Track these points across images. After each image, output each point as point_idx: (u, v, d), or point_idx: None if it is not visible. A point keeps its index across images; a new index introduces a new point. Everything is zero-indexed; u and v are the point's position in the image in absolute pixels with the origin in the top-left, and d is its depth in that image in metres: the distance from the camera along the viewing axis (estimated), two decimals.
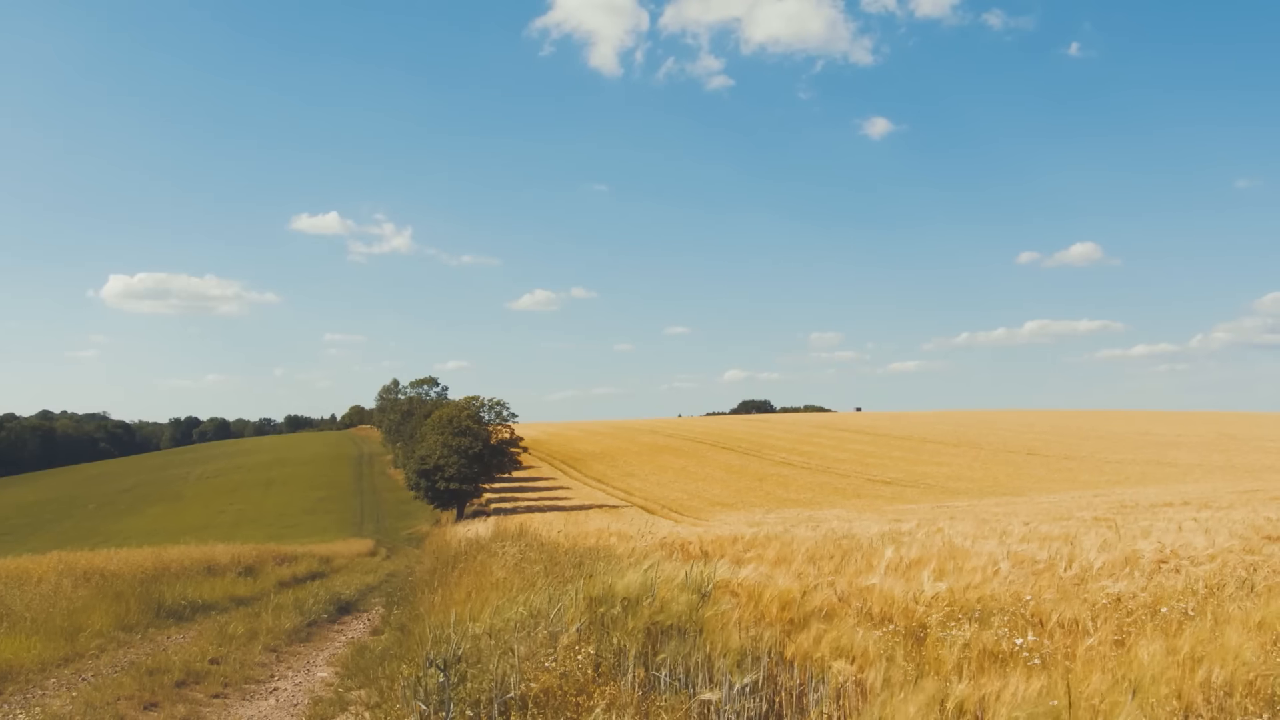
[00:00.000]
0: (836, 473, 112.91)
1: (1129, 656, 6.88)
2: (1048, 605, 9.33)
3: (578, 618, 7.98)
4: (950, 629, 8.51)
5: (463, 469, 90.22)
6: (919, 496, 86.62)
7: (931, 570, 11.56)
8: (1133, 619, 8.98)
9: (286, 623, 18.60)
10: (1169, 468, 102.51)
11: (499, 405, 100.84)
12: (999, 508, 54.22)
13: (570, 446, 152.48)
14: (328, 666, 15.10)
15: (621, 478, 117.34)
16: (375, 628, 19.37)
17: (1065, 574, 12.12)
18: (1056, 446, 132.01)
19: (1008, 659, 7.76)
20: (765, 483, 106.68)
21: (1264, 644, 6.82)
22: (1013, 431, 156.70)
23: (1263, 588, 10.53)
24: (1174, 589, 10.52)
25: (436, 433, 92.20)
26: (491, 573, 14.34)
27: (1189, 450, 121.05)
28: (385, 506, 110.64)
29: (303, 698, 12.64)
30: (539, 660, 7.17)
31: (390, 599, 23.65)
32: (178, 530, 69.22)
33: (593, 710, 6.22)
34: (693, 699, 6.28)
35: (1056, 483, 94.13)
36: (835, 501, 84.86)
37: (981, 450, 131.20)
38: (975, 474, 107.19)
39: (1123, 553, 13.98)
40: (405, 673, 8.01)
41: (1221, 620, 7.89)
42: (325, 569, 36.38)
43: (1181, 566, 12.67)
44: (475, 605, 10.97)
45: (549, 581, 11.03)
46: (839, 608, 9.59)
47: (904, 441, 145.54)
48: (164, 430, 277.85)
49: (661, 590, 8.33)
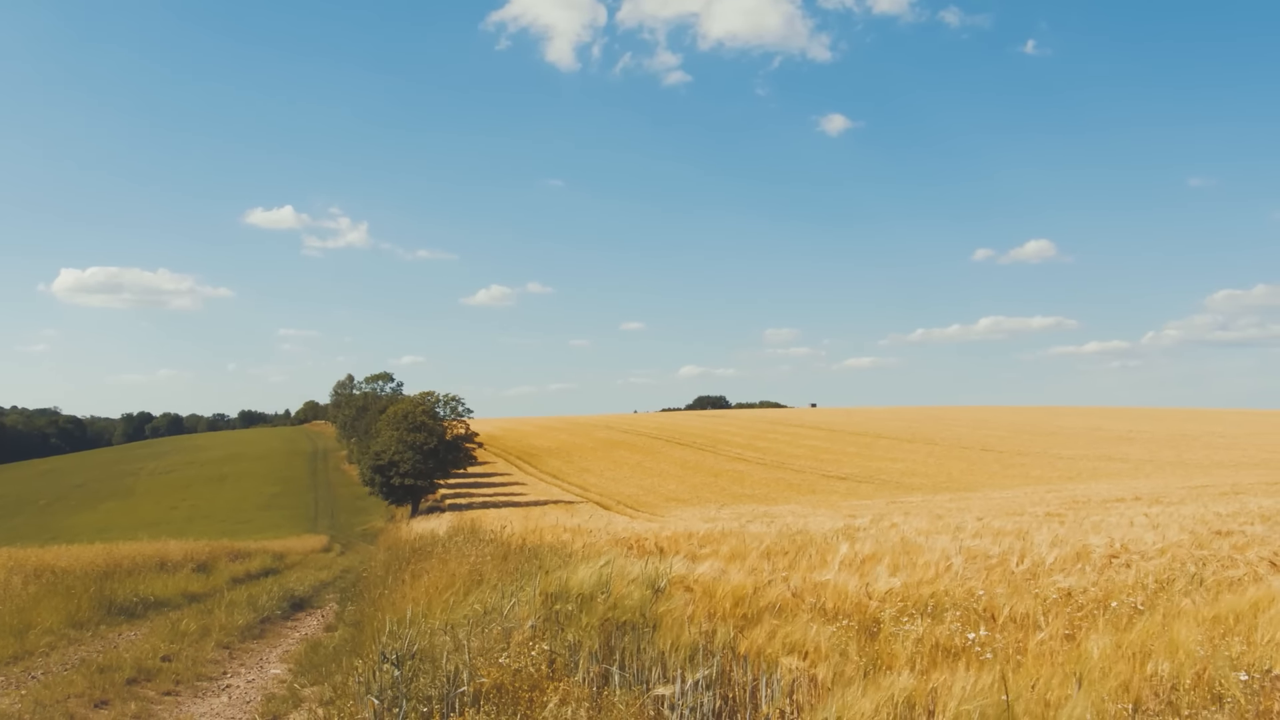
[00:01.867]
0: (791, 468, 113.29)
1: (1079, 650, 6.94)
2: (1000, 600, 9.39)
3: (532, 614, 7.96)
4: (903, 624, 8.55)
5: (418, 465, 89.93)
6: (874, 492, 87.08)
7: (885, 566, 11.63)
8: (1083, 613, 9.05)
9: (240, 619, 18.46)
10: (1121, 463, 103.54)
11: (454, 401, 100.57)
12: (953, 503, 54.56)
13: (526, 442, 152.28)
14: (281, 663, 15.00)
15: (577, 473, 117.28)
16: (329, 624, 19.26)
17: (1017, 569, 12.20)
18: (1010, 442, 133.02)
19: (960, 653, 7.80)
20: (720, 478, 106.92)
21: (1212, 637, 6.89)
22: (967, 427, 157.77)
23: (1212, 582, 10.65)
24: (1124, 583, 10.61)
25: (391, 428, 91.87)
26: (446, 569, 14.28)
27: (1141, 446, 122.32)
28: (340, 502, 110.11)
29: (256, 695, 12.55)
30: (493, 656, 7.15)
31: (344, 595, 23.54)
32: (130, 526, 68.66)
33: (546, 706, 6.20)
34: (646, 694, 6.27)
35: (1010, 478, 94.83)
36: (790, 497, 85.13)
37: (936, 446, 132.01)
38: (929, 469, 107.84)
39: (1074, 548, 14.10)
40: (359, 669, 7.97)
41: (1170, 614, 7.96)
42: (279, 565, 36.13)
43: (1132, 561, 12.79)
44: (430, 601, 10.93)
45: (503, 578, 11.00)
46: (793, 603, 9.61)
47: (859, 437, 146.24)
48: (116, 426, 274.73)
49: (616, 586, 8.32)
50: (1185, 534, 16.61)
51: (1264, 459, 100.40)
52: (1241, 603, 7.75)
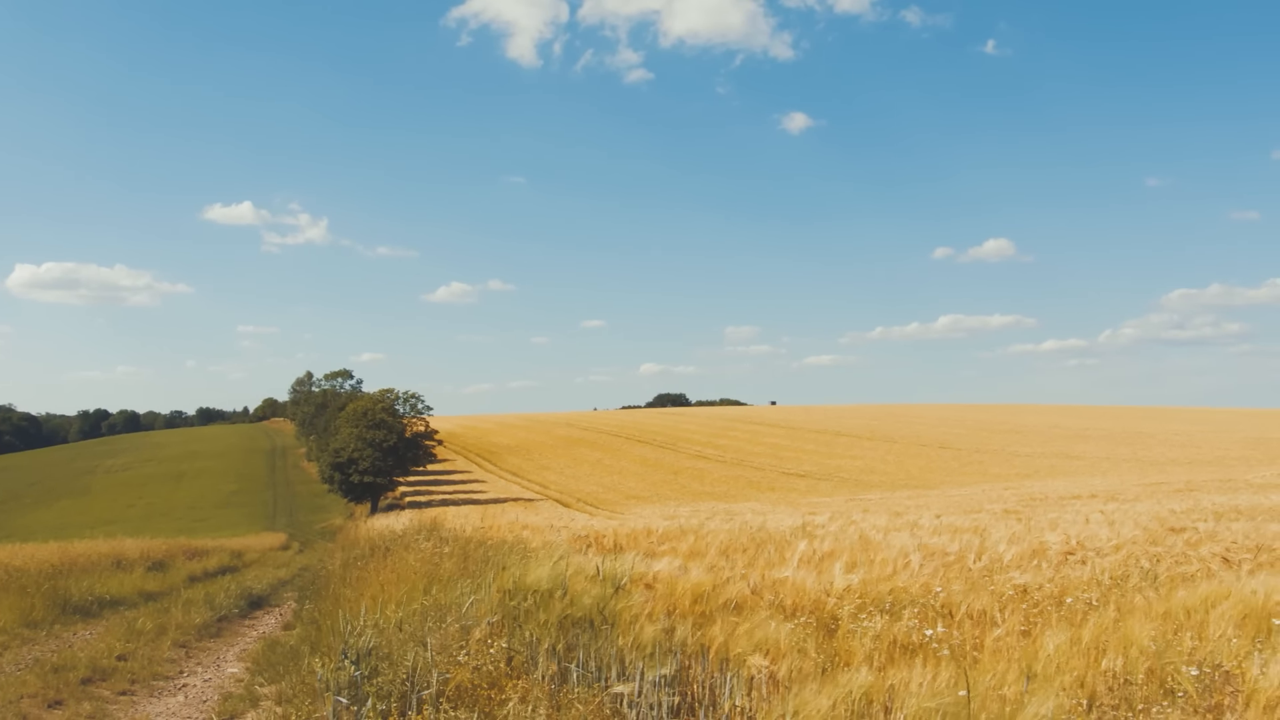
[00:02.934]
0: (751, 466, 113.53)
1: (1035, 646, 6.99)
2: (957, 597, 9.45)
3: (490, 611, 7.95)
4: (861, 621, 8.59)
5: (377, 462, 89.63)
6: (833, 490, 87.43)
7: (844, 563, 11.67)
8: (1039, 610, 9.12)
9: (196, 618, 18.34)
10: (1077, 461, 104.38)
11: (414, 398, 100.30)
12: (911, 500, 54.87)
13: (486, 439, 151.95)
14: (238, 662, 14.91)
15: (537, 471, 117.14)
16: (287, 622, 19.17)
17: (975, 566, 12.28)
18: (968, 440, 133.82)
19: (917, 650, 7.84)
20: (680, 476, 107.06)
21: (1165, 633, 6.96)
22: (926, 425, 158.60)
23: (1165, 578, 10.76)
24: (1080, 580, 10.71)
25: (351, 425, 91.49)
26: (405, 566, 14.24)
27: (1097, 444, 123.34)
28: (298, 500, 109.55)
29: (212, 694, 12.47)
30: (451, 654, 7.13)
31: (303, 593, 23.43)
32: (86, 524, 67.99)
33: (505, 704, 6.19)
34: (605, 692, 6.28)
35: (968, 476, 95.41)
36: (750, 495, 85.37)
37: (895, 444, 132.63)
38: (888, 467, 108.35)
39: (1031, 545, 14.20)
40: (317, 667, 7.93)
41: (1124, 610, 8.03)
42: (237, 563, 35.92)
43: (1087, 558, 12.90)
44: (388, 599, 10.90)
45: (462, 575, 10.98)
46: (752, 600, 9.64)
47: (818, 435, 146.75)
48: (72, 423, 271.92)
49: (574, 583, 8.32)
50: (1140, 531, 16.76)
51: (1217, 457, 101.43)
52: (1194, 598, 7.84)
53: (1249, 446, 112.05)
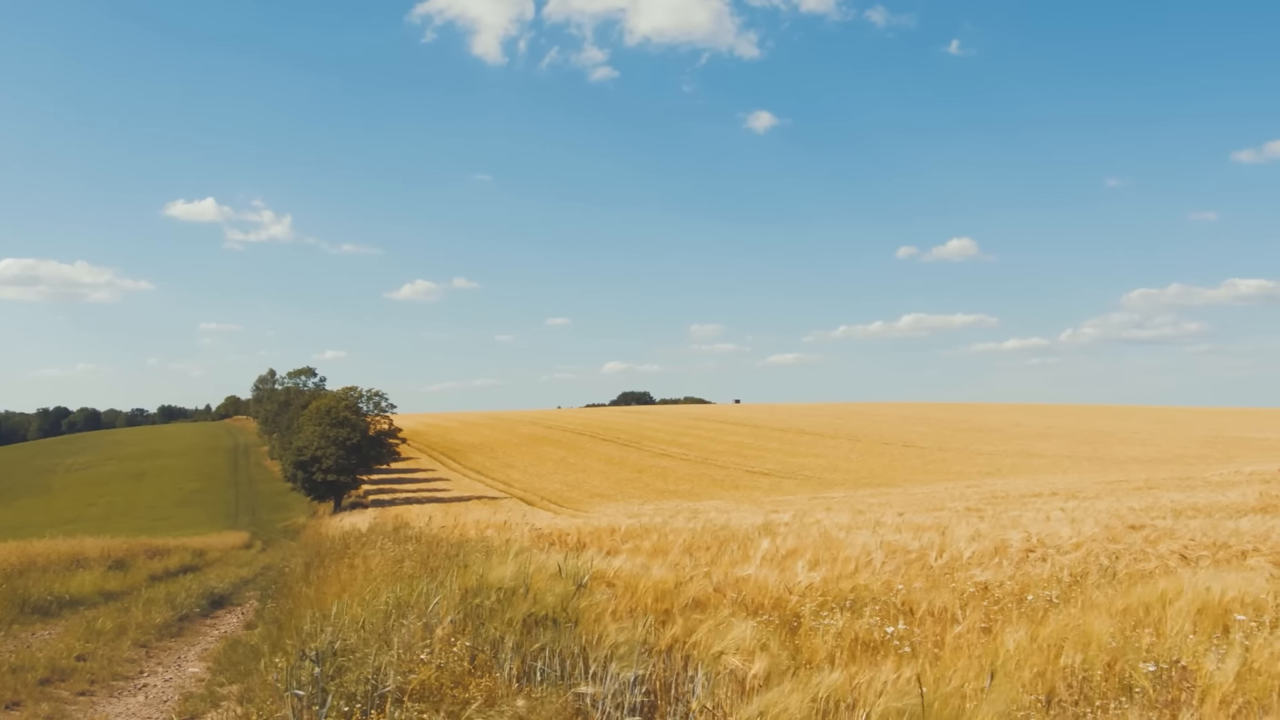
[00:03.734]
0: (715, 464, 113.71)
1: (995, 643, 7.04)
2: (918, 594, 9.50)
3: (452, 610, 7.94)
4: (823, 618, 8.63)
5: (340, 460, 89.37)
6: (796, 488, 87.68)
7: (806, 561, 11.71)
8: (1000, 607, 9.19)
9: (157, 618, 18.22)
10: (1039, 459, 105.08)
11: (377, 396, 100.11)
12: (874, 498, 55.09)
13: (449, 438, 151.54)
14: (199, 661, 14.83)
15: (501, 469, 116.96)
16: (249, 622, 19.07)
17: (936, 563, 12.35)
18: (931, 438, 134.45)
19: (879, 647, 7.89)
20: (644, 474, 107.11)
21: (1123, 629, 7.03)
22: (889, 423, 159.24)
23: (1124, 575, 10.86)
24: (1040, 577, 10.79)
25: (314, 423, 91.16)
26: (368, 565, 14.20)
27: (1058, 442, 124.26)
28: (261, 498, 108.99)
29: (173, 694, 12.40)
30: (415, 652, 7.12)
31: (265, 592, 23.30)
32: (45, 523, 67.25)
33: (468, 703, 6.19)
34: (568, 690, 6.29)
35: (931, 474, 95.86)
36: (714, 493, 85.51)
37: (858, 442, 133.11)
38: (852, 465, 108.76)
39: (992, 542, 14.29)
40: (279, 666, 7.90)
41: (1084, 607, 8.10)
42: (199, 562, 35.67)
43: (1048, 555, 13.00)
44: (351, 598, 10.87)
45: (425, 574, 10.96)
46: (715, 598, 9.66)
47: (782, 433, 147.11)
48: (31, 421, 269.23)
49: (537, 581, 8.32)
50: (1100, 528, 16.90)
51: (1176, 455, 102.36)
52: (1151, 595, 7.92)
53: (1207, 445, 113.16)
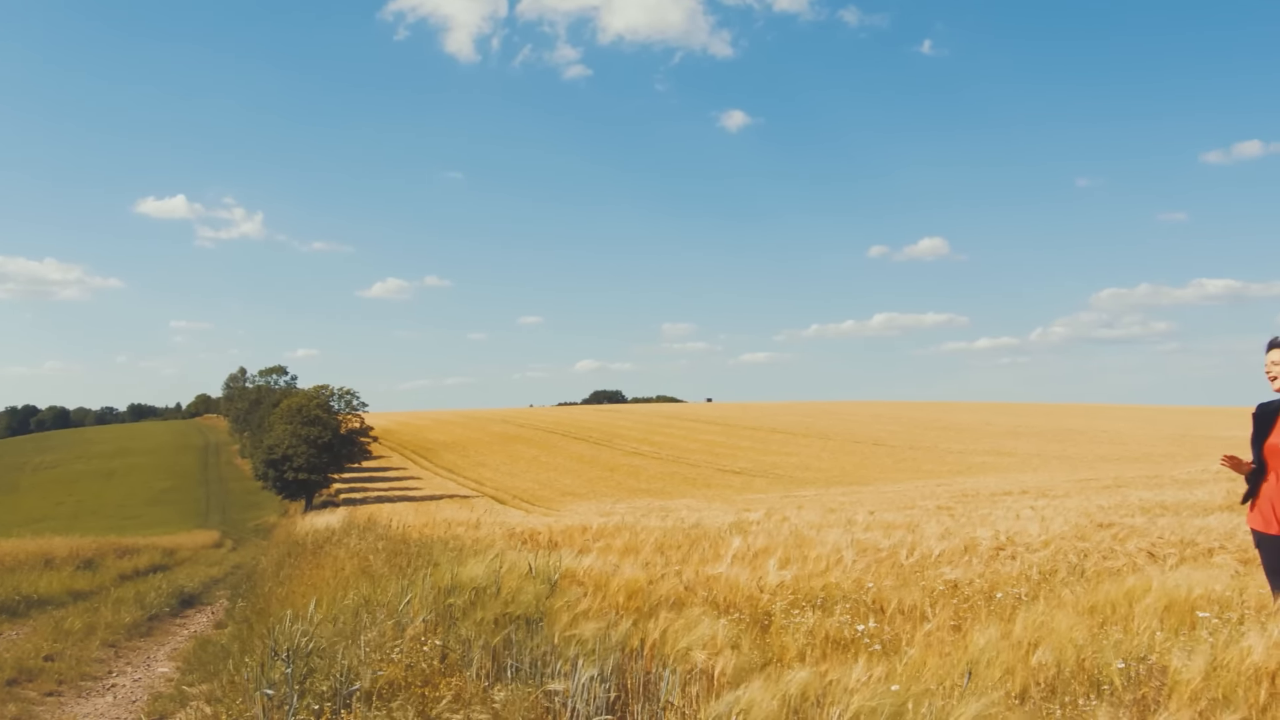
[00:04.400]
0: (687, 463, 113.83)
1: (965, 641, 7.08)
2: (889, 592, 9.54)
3: (423, 609, 7.93)
4: (794, 616, 8.66)
5: (312, 459, 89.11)
6: (768, 486, 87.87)
7: (777, 559, 11.74)
8: (969, 604, 9.24)
9: (126, 617, 18.11)
10: (1009, 457, 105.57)
11: (349, 394, 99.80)
12: (845, 497, 55.24)
13: (421, 436, 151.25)
14: (169, 661, 14.74)
15: (473, 468, 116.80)
16: (219, 621, 18.98)
17: (907, 561, 12.40)
18: (902, 437, 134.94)
19: (850, 645, 7.92)
20: (616, 473, 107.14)
21: (1092, 627, 7.07)
22: (860, 422, 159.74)
23: (1093, 573, 10.93)
24: (1009, 575, 10.85)
25: (285, 422, 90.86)
26: (339, 564, 14.16)
27: (1028, 440, 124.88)
28: (232, 497, 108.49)
29: (142, 694, 12.32)
30: (386, 651, 7.12)
31: (235, 591, 23.20)
32: (13, 523, 66.91)
33: (439, 701, 6.19)
34: (539, 689, 6.29)
35: (902, 472, 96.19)
36: (686, 491, 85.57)
37: (830, 440, 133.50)
38: (823, 464, 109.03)
39: (962, 540, 14.36)
40: (248, 665, 7.88)
41: (1053, 605, 8.15)
42: (169, 561, 35.46)
43: (1017, 553, 13.07)
44: (322, 597, 10.84)
45: (396, 572, 10.94)
46: (686, 596, 9.68)
47: (754, 432, 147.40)
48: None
49: (507, 580, 8.32)
50: (1069, 526, 17.00)
51: (1145, 453, 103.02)
52: (1119, 592, 7.97)
53: (1175, 443, 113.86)
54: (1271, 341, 7.04)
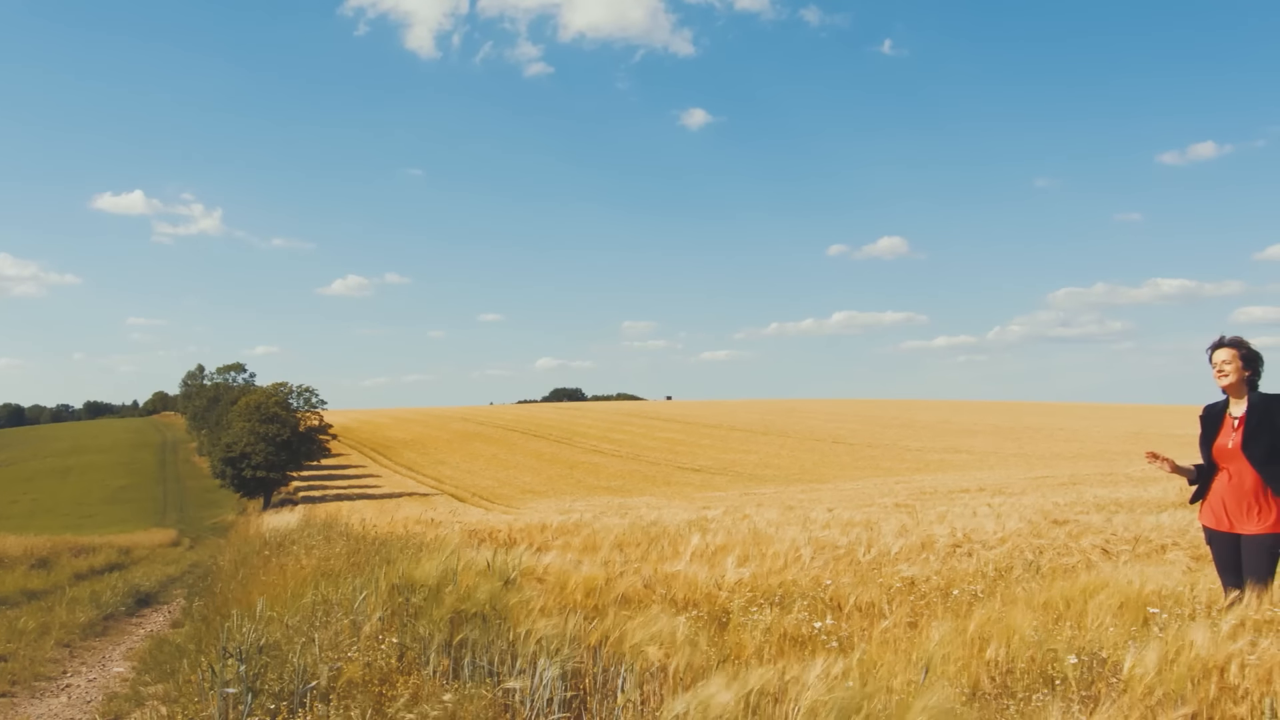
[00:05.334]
0: (647, 460, 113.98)
1: (921, 637, 7.13)
2: (846, 589, 9.59)
3: (380, 607, 7.92)
4: (753, 614, 8.69)
5: (270, 456, 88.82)
6: (728, 484, 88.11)
7: (736, 556, 11.78)
8: (926, 601, 9.30)
9: (81, 617, 17.95)
10: (967, 455, 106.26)
11: (308, 392, 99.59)
12: (804, 494, 55.51)
13: (381, 434, 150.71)
14: (124, 661, 14.63)
15: (432, 465, 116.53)
16: (176, 620, 18.84)
17: (864, 559, 12.47)
18: (861, 435, 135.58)
19: (807, 642, 7.96)
20: (576, 470, 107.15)
21: (1045, 623, 7.13)
22: (819, 420, 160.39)
23: (1048, 569, 11.03)
24: (966, 572, 10.94)
25: (243, 419, 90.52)
26: (297, 562, 14.10)
27: (986, 438, 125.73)
28: (189, 495, 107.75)
29: (97, 694, 12.22)
30: (342, 650, 7.10)
31: (192, 590, 23.04)
32: None
33: (397, 700, 6.18)
34: (497, 687, 6.29)
35: (861, 470, 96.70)
36: (645, 489, 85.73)
37: (789, 438, 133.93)
38: (782, 461, 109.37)
39: (919, 538, 14.45)
40: (205, 665, 7.84)
41: (1008, 601, 8.22)
42: (125, 560, 35.13)
43: (974, 550, 13.17)
44: (279, 595, 10.79)
45: (353, 570, 10.91)
46: (644, 594, 9.70)
47: (713, 430, 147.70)
48: None
49: (465, 577, 8.30)
50: (1025, 523, 17.12)
51: (1100, 451, 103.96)
52: (1074, 589, 8.04)
53: (1130, 441, 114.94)
54: (1217, 342, 7.19)
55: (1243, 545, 7.05)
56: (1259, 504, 7.00)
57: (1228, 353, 7.12)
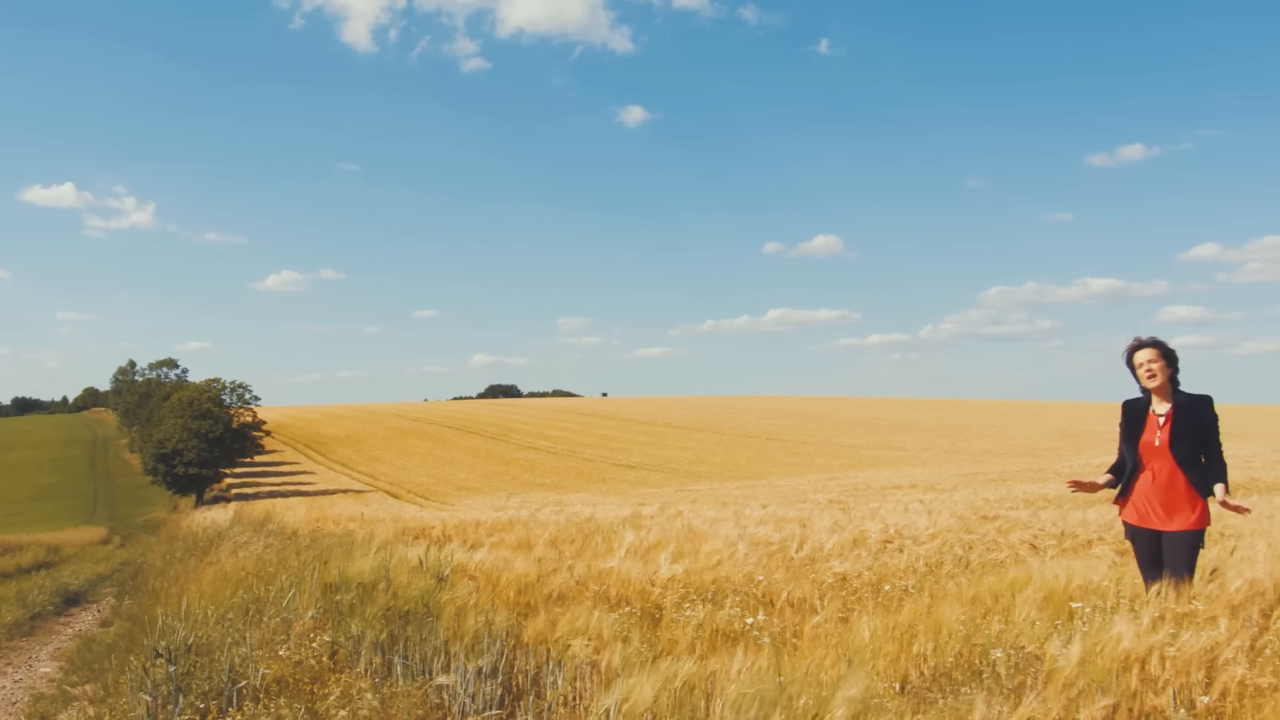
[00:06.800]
0: (582, 457, 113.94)
1: (852, 632, 7.20)
2: (779, 585, 9.65)
3: (311, 605, 7.88)
4: (685, 610, 8.73)
5: (203, 453, 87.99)
6: (662, 481, 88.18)
7: (670, 553, 11.81)
8: (857, 597, 9.38)
9: (7, 616, 17.70)
10: (899, 452, 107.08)
11: (241, 388, 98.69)
12: (739, 491, 55.73)
13: (315, 430, 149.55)
14: (51, 661, 14.44)
15: (367, 462, 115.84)
16: (105, 619, 18.62)
17: (797, 555, 12.54)
18: (795, 431, 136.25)
19: (739, 638, 8.00)
20: (512, 467, 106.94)
21: (974, 617, 7.23)
22: (754, 417, 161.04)
23: (977, 564, 11.17)
24: (896, 567, 11.04)
25: (175, 416, 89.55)
26: (229, 560, 13.99)
27: (918, 435, 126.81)
28: (120, 492, 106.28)
29: (23, 695, 12.06)
30: (273, 648, 7.06)
31: (122, 589, 22.77)
32: None
33: (325, 697, 6.16)
34: (429, 683, 6.29)
35: (795, 466, 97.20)
36: (581, 486, 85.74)
37: (724, 435, 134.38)
38: (717, 458, 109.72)
39: (852, 534, 14.54)
40: (133, 665, 7.76)
41: (937, 596, 8.32)
42: (53, 559, 34.63)
43: (905, 546, 13.27)
44: (211, 594, 10.71)
45: (285, 568, 10.85)
46: (577, 591, 9.72)
47: (649, 426, 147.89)
48: None
49: (398, 575, 8.29)
50: (955, 519, 17.29)
51: (1029, 447, 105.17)
52: (1001, 583, 8.15)
53: (1058, 437, 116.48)
54: (1135, 344, 7.30)
55: (1164, 541, 7.16)
56: (1181, 501, 7.12)
57: (1151, 353, 7.21)
